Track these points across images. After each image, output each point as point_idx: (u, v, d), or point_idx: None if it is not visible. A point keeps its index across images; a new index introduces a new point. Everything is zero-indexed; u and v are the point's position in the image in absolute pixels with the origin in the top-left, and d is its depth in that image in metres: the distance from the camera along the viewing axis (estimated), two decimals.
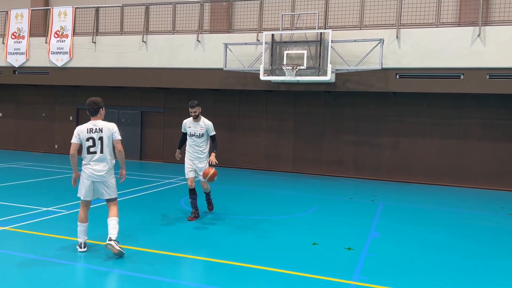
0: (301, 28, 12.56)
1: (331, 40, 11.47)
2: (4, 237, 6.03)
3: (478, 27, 11.01)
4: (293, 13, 12.79)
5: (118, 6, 14.76)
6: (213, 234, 6.66)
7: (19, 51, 15.64)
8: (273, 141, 14.72)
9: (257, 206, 8.94)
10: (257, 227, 7.21)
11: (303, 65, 11.60)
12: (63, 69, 15.15)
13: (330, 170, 14.08)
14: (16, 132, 18.20)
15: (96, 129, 5.51)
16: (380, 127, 13.57)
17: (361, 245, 6.34)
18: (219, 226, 7.16)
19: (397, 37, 11.61)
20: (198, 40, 13.44)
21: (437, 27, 11.51)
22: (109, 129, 5.54)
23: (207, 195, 7.91)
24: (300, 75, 11.72)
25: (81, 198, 5.55)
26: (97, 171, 5.45)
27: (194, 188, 7.54)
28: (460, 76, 11.33)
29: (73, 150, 5.51)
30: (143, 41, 14.07)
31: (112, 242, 5.29)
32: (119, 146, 5.58)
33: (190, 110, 7.42)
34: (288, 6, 13.07)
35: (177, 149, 7.69)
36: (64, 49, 15.06)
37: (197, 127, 7.48)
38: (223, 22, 14.29)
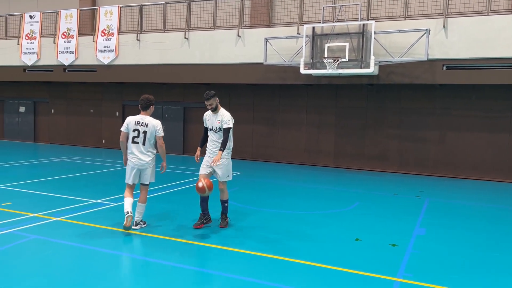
0: (343, 20, 12.34)
1: (374, 32, 11.20)
2: (57, 227, 6.34)
3: None
4: (335, 5, 12.57)
5: (161, 4, 15.08)
6: (252, 228, 6.70)
7: (68, 50, 16.33)
8: (313, 136, 14.60)
9: (297, 201, 8.91)
10: (297, 222, 7.18)
11: (345, 58, 11.40)
12: (109, 66, 15.68)
13: (373, 165, 13.80)
14: (67, 127, 19.06)
15: (143, 123, 6.19)
16: (426, 121, 13.12)
17: (405, 241, 6.18)
18: (259, 220, 7.19)
19: (444, 26, 11.16)
20: (238, 35, 13.51)
21: (487, 15, 10.96)
22: (154, 126, 6.20)
23: (222, 204, 6.66)
24: (341, 68, 11.54)
25: (126, 182, 6.34)
26: (140, 159, 6.17)
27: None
28: None
29: (122, 137, 6.29)
30: (185, 37, 14.31)
31: (136, 227, 6.25)
32: (161, 142, 6.27)
33: (206, 103, 6.44)
34: None
35: (198, 147, 6.74)
36: (110, 47, 15.58)
37: (215, 120, 6.52)
38: (263, 17, 14.28)
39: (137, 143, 6.15)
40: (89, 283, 4.44)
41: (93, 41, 15.82)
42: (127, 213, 6.05)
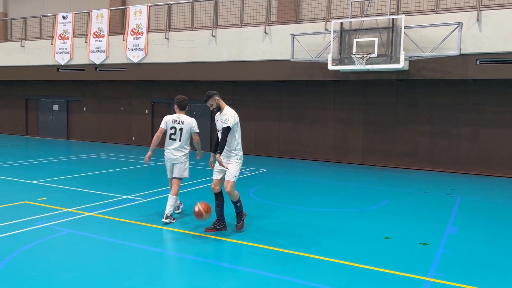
0: (371, 15, 12.13)
1: (404, 26, 10.97)
2: (89, 222, 6.53)
3: None
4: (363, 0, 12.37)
5: (189, 2, 15.23)
6: (279, 225, 6.70)
7: (99, 49, 16.72)
8: (341, 132, 14.44)
9: (324, 199, 8.85)
10: (324, 220, 7.14)
11: (373, 53, 11.22)
12: (138, 65, 15.96)
13: (403, 162, 13.54)
14: (98, 125, 19.55)
15: (179, 121, 6.72)
16: (458, 117, 12.77)
17: (437, 240, 6.04)
18: (286, 218, 7.18)
19: (477, 19, 10.82)
20: (265, 32, 13.50)
21: None
22: (189, 123, 6.72)
23: (234, 205, 6.20)
24: (370, 64, 11.36)
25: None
26: (174, 155, 6.66)
27: (219, 193, 6.15)
28: None
29: (159, 132, 6.71)
30: (212, 35, 14.41)
31: (165, 220, 6.50)
32: (197, 138, 6.82)
33: (206, 104, 6.25)
34: None
35: (211, 153, 6.29)
36: (139, 45, 15.85)
37: (219, 120, 6.16)
38: (290, 13, 14.21)
39: (174, 139, 6.67)
40: (120, 277, 4.55)
41: (123, 40, 16.13)
42: (178, 207, 7.15)
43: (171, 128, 6.69)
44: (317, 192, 9.55)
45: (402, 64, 10.94)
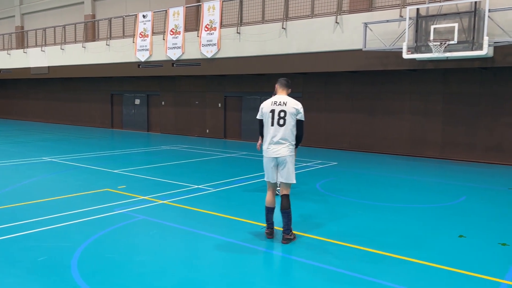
0: None
1: (489, 9, 10.11)
2: (162, 209, 6.91)
3: None
4: None
5: None
6: (346, 219, 6.57)
7: (176, 46, 17.48)
8: (418, 124, 13.73)
9: (397, 194, 8.51)
10: (397, 215, 6.87)
11: (453, 40, 10.51)
12: (212, 60, 16.45)
13: (486, 156, 12.56)
14: (175, 118, 20.51)
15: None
16: None
17: None
18: (360, 212, 7.02)
19: None
20: (336, 22, 13.20)
21: None
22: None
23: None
24: (449, 51, 10.66)
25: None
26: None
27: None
28: None
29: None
30: (283, 27, 14.40)
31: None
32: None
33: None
34: None
35: None
36: (213, 41, 16.32)
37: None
38: (363, 1, 13.75)
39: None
40: (189, 262, 4.77)
41: (197, 36, 16.70)
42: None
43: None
44: (390, 186, 9.21)
45: (485, 51, 10.12)
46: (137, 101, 22.18)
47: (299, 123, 5.48)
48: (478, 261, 4.91)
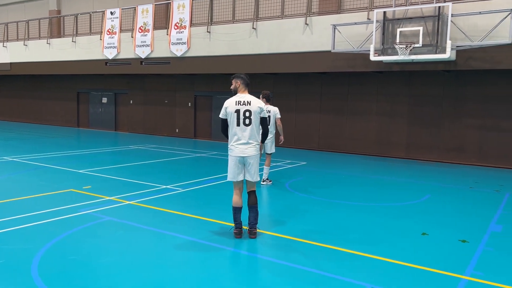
0: (416, 3, 11.68)
1: (451, 14, 10.46)
2: (129, 210, 6.79)
3: None
4: None
5: None
6: (317, 219, 6.65)
7: (145, 44, 17.21)
8: (384, 125, 14.05)
9: (364, 192, 8.67)
10: (363, 214, 7.00)
11: (418, 43, 10.81)
12: (182, 58, 16.29)
13: (449, 156, 13.00)
14: (144, 117, 20.19)
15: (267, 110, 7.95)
16: (509, 109, 12.06)
17: (478, 238, 5.77)
18: (324, 212, 7.11)
19: None
20: (306, 23, 13.33)
21: None
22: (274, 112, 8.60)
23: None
24: (414, 54, 10.96)
25: None
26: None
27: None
28: None
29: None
30: (253, 27, 14.42)
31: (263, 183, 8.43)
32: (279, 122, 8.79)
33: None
34: None
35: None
36: (182, 39, 16.16)
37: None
38: (332, 3, 13.94)
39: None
40: (156, 263, 4.71)
41: (167, 34, 16.50)
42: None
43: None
44: (357, 186, 9.38)
45: (448, 54, 10.47)
46: (105, 100, 21.70)
47: (263, 120, 5.62)
48: (440, 257, 5.07)
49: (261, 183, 8.78)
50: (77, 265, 4.58)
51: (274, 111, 8.84)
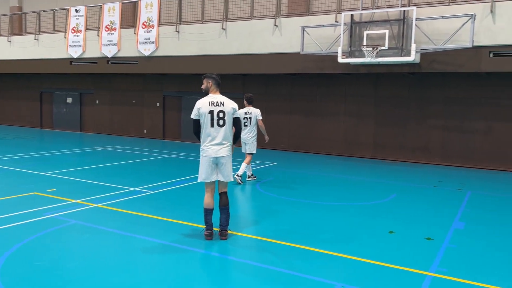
0: (382, 7, 11.96)
1: (416, 18, 10.78)
2: (95, 213, 6.62)
3: None
4: None
5: None
6: (286, 219, 6.69)
7: (111, 43, 16.84)
8: (352, 126, 14.32)
9: (332, 192, 8.81)
10: (332, 213, 7.10)
11: (384, 46, 11.07)
12: (150, 58, 16.04)
13: (414, 156, 13.38)
14: (111, 117, 19.74)
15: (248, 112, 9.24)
16: (471, 111, 12.54)
17: (442, 235, 5.97)
18: (293, 211, 7.16)
19: (491, 11, 10.57)
20: (275, 25, 13.41)
21: None
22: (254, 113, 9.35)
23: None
24: (381, 56, 11.21)
25: None
26: (243, 136, 9.40)
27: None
28: None
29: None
30: (222, 28, 14.38)
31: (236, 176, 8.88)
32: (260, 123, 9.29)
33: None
34: None
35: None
36: (150, 39, 15.92)
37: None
38: (301, 6, 14.08)
39: (246, 126, 9.24)
40: (124, 266, 4.60)
41: (135, 33, 16.22)
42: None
43: (244, 118, 9.13)
44: (325, 185, 9.50)
45: (413, 57, 10.78)
46: (69, 100, 21.08)
47: (236, 121, 5.62)
48: (406, 255, 5.20)
49: (236, 177, 8.87)
50: (42, 271, 4.42)
51: (255, 113, 9.26)
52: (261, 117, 9.28)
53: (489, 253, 5.34)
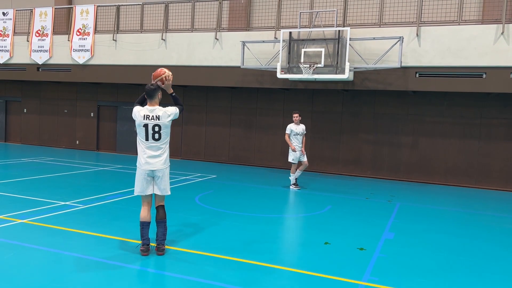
0: (319, 26, 12.47)
1: (350, 38, 11.35)
2: (21, 230, 6.18)
3: (502, 25, 10.71)
4: (312, 10, 12.69)
5: (139, 4, 14.95)
6: (222, 231, 6.67)
7: (43, 49, 16.00)
8: None
9: (269, 204, 8.92)
10: (269, 225, 7.19)
11: (320, 63, 11.52)
12: (84, 66, 15.43)
13: (347, 169, 13.95)
14: (40, 127, 18.65)
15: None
16: (399, 126, 13.36)
17: (373, 245, 6.26)
18: (230, 224, 7.17)
19: (417, 35, 11.40)
20: (216, 38, 13.49)
21: (459, 24, 11.24)
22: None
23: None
24: (317, 73, 11.64)
25: None
26: None
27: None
28: (482, 75, 11.04)
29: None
30: (162, 39, 14.21)
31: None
32: None
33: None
34: (307, 3, 12.98)
35: None
36: (85, 46, 15.34)
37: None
38: (241, 20, 14.30)
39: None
40: (54, 287, 4.33)
41: (68, 40, 15.55)
42: None
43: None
44: (262, 198, 9.61)
45: (347, 75, 11.31)
46: None
47: (175, 108, 5.58)
48: (341, 265, 5.39)
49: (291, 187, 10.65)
50: None
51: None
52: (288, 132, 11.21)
53: (416, 261, 5.68)
